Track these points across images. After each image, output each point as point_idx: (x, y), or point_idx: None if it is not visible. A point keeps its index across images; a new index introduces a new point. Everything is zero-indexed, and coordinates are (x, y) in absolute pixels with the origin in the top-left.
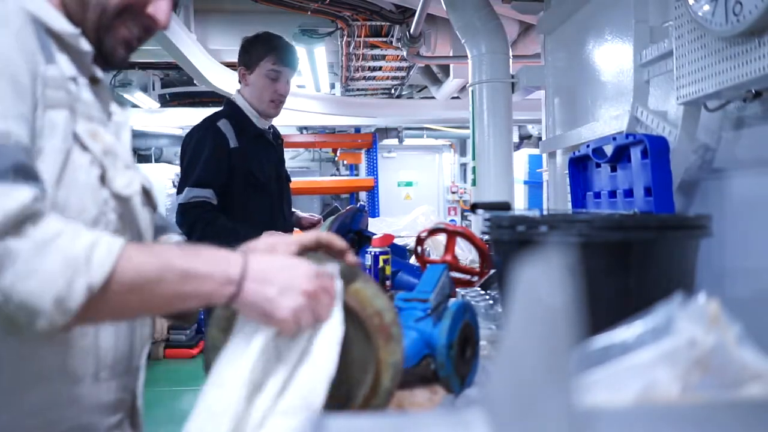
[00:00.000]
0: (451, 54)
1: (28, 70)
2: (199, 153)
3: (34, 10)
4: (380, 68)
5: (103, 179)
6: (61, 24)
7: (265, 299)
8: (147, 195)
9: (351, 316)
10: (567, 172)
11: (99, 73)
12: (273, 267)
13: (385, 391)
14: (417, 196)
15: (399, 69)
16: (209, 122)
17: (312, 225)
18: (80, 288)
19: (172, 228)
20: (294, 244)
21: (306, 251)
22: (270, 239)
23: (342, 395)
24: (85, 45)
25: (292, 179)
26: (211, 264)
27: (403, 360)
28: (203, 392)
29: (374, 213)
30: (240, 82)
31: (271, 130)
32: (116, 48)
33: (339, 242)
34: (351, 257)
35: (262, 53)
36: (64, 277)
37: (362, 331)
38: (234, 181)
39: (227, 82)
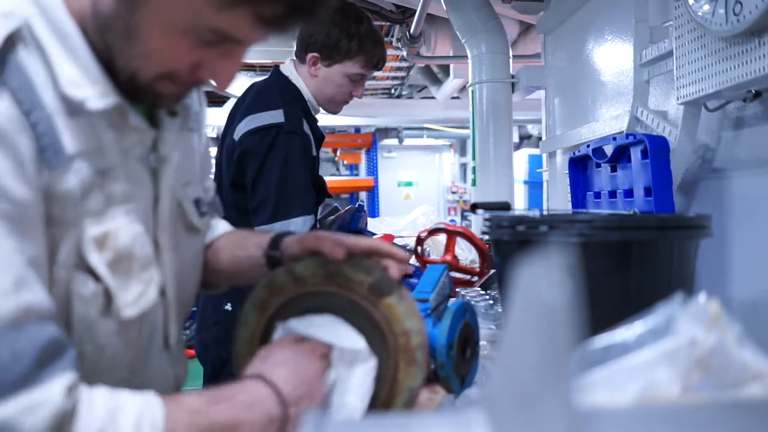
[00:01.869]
0: (451, 54)
1: (33, 198)
2: (295, 168)
3: (48, 47)
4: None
5: (107, 308)
6: (68, 85)
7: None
8: (197, 204)
9: (378, 330)
10: (567, 172)
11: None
12: (294, 376)
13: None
14: (417, 196)
15: (399, 69)
16: (295, 123)
17: None
18: None
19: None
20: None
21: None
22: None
23: None
24: (98, 103)
25: None
26: (250, 409)
27: (421, 387)
28: None
29: (374, 213)
30: (301, 61)
31: None
32: (160, 99)
33: (399, 253)
34: (394, 269)
35: (354, 51)
36: None
37: (386, 348)
38: None
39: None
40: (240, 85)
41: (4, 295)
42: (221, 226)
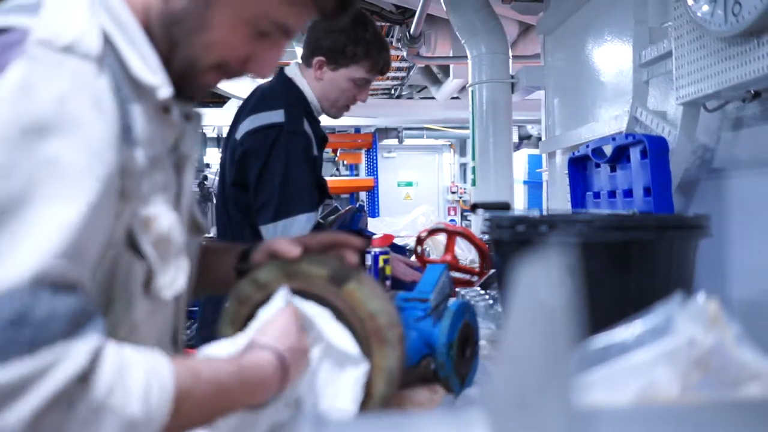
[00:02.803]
0: (451, 54)
1: (116, 171)
2: (296, 167)
3: (117, 40)
4: None
5: (147, 284)
6: (142, 72)
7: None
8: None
9: (345, 318)
10: (566, 172)
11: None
12: (283, 337)
13: (380, 395)
14: (417, 196)
15: (399, 69)
16: (296, 123)
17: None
18: None
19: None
20: (299, 243)
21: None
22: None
23: None
24: (165, 93)
25: None
26: (258, 371)
27: (400, 365)
28: None
29: (374, 213)
30: (307, 65)
31: None
32: (199, 90)
33: (354, 241)
34: (351, 257)
35: (359, 56)
36: None
37: (357, 334)
38: None
39: (229, 83)
40: (241, 85)
41: (58, 256)
42: None
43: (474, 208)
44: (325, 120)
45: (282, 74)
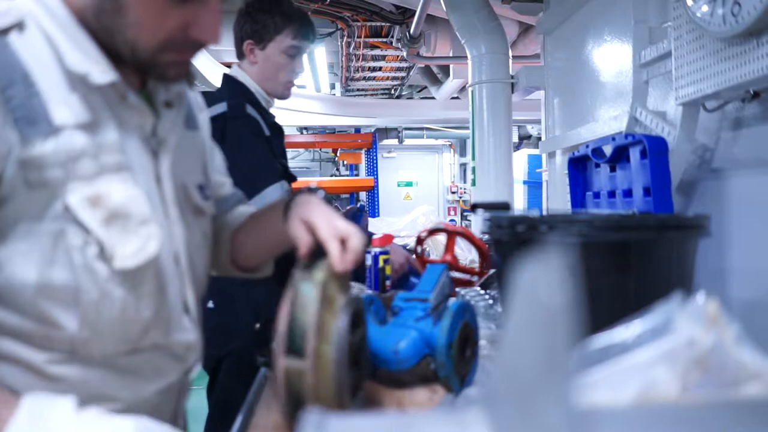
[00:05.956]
0: (451, 54)
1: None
2: (248, 147)
3: (53, 33)
4: (380, 68)
5: (103, 255)
6: (74, 61)
7: None
8: (201, 189)
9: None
10: (566, 172)
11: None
12: None
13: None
14: (417, 196)
15: (399, 69)
16: (238, 110)
17: None
18: None
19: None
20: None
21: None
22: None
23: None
24: (99, 78)
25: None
26: None
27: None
28: None
29: (374, 213)
30: (241, 58)
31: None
32: (167, 70)
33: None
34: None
35: (280, 25)
36: None
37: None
38: None
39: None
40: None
41: None
42: (243, 211)
43: (474, 208)
44: (325, 120)
45: (224, 76)
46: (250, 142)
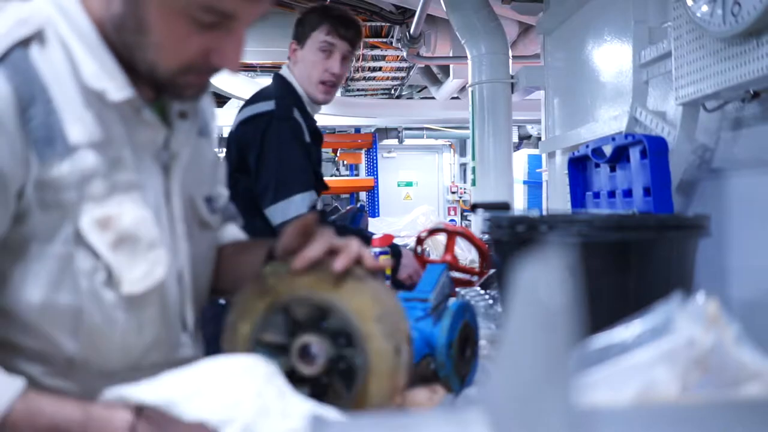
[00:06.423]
0: (451, 54)
1: (13, 178)
2: (289, 151)
3: (74, 46)
4: (380, 68)
5: (110, 281)
6: (91, 77)
7: None
8: (209, 201)
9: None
10: (566, 172)
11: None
12: None
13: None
14: (417, 196)
15: (399, 69)
16: (286, 110)
17: None
18: None
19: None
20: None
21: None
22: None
23: None
24: (115, 95)
25: None
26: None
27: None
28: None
29: (374, 213)
30: (289, 58)
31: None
32: (184, 90)
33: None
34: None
35: (315, 22)
36: None
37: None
38: None
39: (229, 83)
40: (241, 85)
41: None
42: (232, 232)
43: (474, 208)
44: (325, 120)
45: (276, 74)
46: (291, 146)
